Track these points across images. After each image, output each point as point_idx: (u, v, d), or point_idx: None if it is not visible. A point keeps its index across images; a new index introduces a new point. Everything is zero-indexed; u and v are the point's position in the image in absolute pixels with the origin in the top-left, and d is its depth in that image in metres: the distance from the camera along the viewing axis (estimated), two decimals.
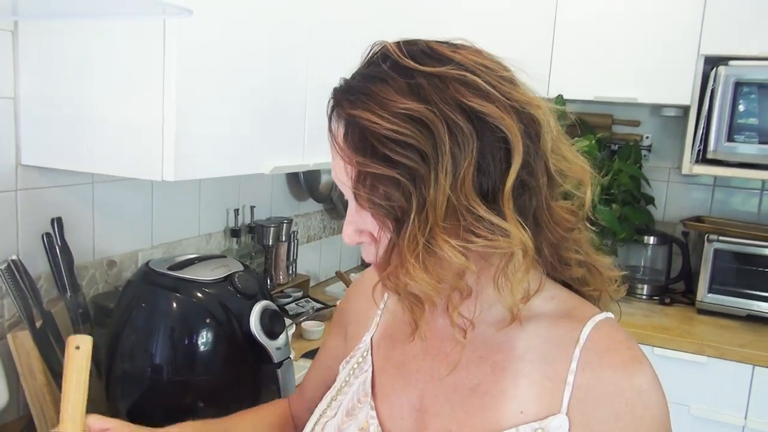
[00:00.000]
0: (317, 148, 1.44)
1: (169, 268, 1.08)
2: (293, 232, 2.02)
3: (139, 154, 1.04)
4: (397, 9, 1.78)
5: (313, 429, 0.74)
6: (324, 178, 2.20)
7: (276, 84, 1.27)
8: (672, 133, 2.53)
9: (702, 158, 2.16)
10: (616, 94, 2.24)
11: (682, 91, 2.18)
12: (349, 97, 0.59)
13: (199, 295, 1.05)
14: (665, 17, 2.16)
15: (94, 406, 1.15)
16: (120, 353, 1.08)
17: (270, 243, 1.89)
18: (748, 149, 2.09)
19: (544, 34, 2.29)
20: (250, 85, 1.18)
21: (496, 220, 0.57)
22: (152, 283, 1.07)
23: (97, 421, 0.81)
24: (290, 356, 1.12)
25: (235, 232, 1.77)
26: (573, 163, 0.64)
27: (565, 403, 0.62)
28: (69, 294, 1.20)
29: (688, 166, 2.19)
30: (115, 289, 1.37)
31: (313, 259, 2.30)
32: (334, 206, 2.33)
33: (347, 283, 2.23)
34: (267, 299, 1.11)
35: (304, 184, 2.10)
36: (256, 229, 1.86)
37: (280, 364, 1.08)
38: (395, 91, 0.57)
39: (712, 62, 2.13)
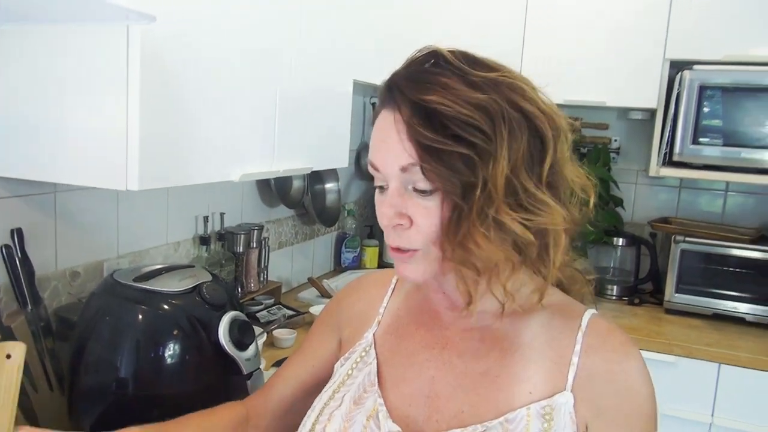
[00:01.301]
0: (287, 154, 1.43)
1: (135, 280, 1.06)
2: (264, 238, 2.00)
3: (103, 163, 1.01)
4: (366, 19, 1.78)
5: (317, 419, 0.76)
6: (295, 184, 2.18)
7: (244, 90, 1.25)
8: (639, 136, 2.57)
9: (668, 161, 2.20)
10: (585, 98, 2.27)
11: (648, 94, 2.21)
12: (416, 85, 0.65)
13: (166, 307, 1.03)
14: (631, 23, 2.19)
15: (55, 422, 1.12)
16: (83, 367, 1.05)
17: (240, 250, 1.86)
18: (712, 152, 2.13)
19: (515, 40, 2.31)
20: (217, 92, 1.16)
21: (546, 198, 0.66)
22: (117, 296, 1.04)
23: None
24: (260, 367, 1.10)
25: (204, 240, 1.74)
26: (578, 171, 0.73)
27: (570, 381, 0.69)
28: (30, 307, 1.17)
29: (655, 168, 2.22)
30: (79, 301, 1.33)
31: (284, 266, 2.27)
32: (305, 211, 2.31)
33: (320, 289, 2.22)
34: (236, 309, 1.10)
35: (275, 189, 2.08)
36: (226, 236, 1.83)
37: (249, 375, 1.07)
38: (461, 83, 0.64)
39: (677, 67, 2.17)
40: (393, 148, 0.66)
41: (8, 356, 0.72)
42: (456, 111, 0.62)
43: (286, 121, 1.39)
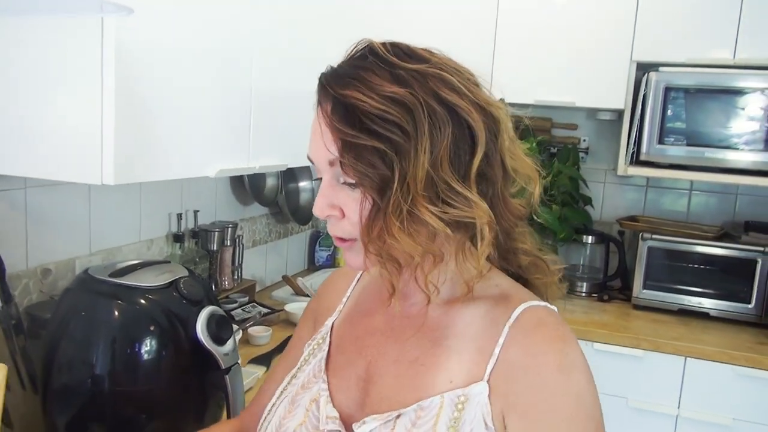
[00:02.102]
0: (263, 151, 1.42)
1: (110, 275, 1.05)
2: (238, 236, 1.99)
3: (77, 157, 0.99)
4: (339, 17, 1.78)
5: (274, 403, 0.80)
6: (269, 182, 2.18)
7: (221, 86, 1.24)
8: (607, 136, 2.63)
9: (636, 160, 2.26)
10: (555, 98, 2.31)
11: (616, 95, 2.27)
12: (338, 80, 0.66)
13: (142, 302, 1.02)
14: (600, 26, 2.25)
15: (29, 422, 1.10)
16: (57, 365, 1.03)
17: (214, 248, 1.85)
18: (677, 151, 2.20)
19: (486, 41, 2.34)
20: (194, 87, 1.16)
21: (467, 193, 0.65)
22: (92, 291, 1.03)
23: None
24: (238, 362, 1.10)
25: (178, 237, 1.73)
26: (523, 162, 0.72)
27: (488, 372, 0.68)
28: (0, 305, 1.14)
29: (623, 167, 2.28)
30: (51, 299, 1.31)
31: (258, 264, 2.26)
32: (279, 210, 2.31)
33: (294, 287, 2.21)
34: (213, 304, 1.09)
35: (249, 187, 2.07)
36: (200, 234, 1.81)
37: (228, 369, 1.06)
38: (381, 78, 0.65)
39: (644, 68, 2.23)
40: (319, 143, 0.68)
41: None
42: (371, 106, 0.63)
43: (261, 118, 1.39)
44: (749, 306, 2.21)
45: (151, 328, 1.01)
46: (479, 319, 0.72)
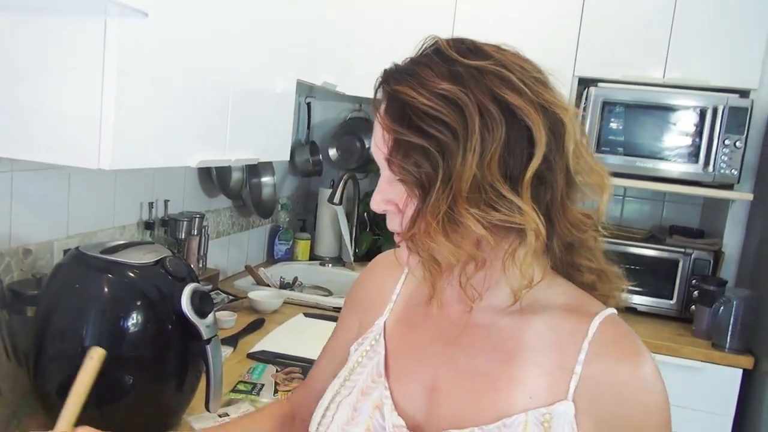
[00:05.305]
0: (238, 145, 1.53)
1: (101, 252, 1.13)
2: (204, 226, 2.07)
3: (75, 142, 1.07)
4: (308, 25, 1.91)
5: (328, 407, 0.77)
6: (235, 175, 2.27)
7: (205, 84, 1.35)
8: None
9: None
10: None
11: None
12: (394, 76, 0.66)
13: (132, 276, 1.11)
14: (545, 44, 2.43)
15: (17, 388, 1.17)
16: (50, 335, 1.11)
17: (182, 237, 1.93)
18: (614, 160, 2.41)
19: None
20: (184, 82, 1.25)
21: (515, 199, 0.62)
22: (85, 266, 1.11)
23: None
24: (217, 334, 1.20)
25: (149, 225, 1.81)
26: (592, 169, 0.69)
27: (572, 390, 0.66)
28: None
29: None
30: (33, 277, 1.38)
31: (221, 255, 2.35)
32: (243, 203, 2.40)
33: (256, 277, 2.31)
34: (195, 282, 1.19)
35: (217, 180, 2.16)
36: (169, 223, 1.90)
37: (209, 340, 1.16)
38: (435, 74, 0.64)
39: (585, 83, 2.44)
40: (377, 140, 0.67)
41: (91, 358, 0.76)
42: (421, 102, 0.61)
43: (237, 115, 1.49)
44: (671, 302, 2.44)
45: (140, 301, 1.11)
46: (551, 331, 0.69)
